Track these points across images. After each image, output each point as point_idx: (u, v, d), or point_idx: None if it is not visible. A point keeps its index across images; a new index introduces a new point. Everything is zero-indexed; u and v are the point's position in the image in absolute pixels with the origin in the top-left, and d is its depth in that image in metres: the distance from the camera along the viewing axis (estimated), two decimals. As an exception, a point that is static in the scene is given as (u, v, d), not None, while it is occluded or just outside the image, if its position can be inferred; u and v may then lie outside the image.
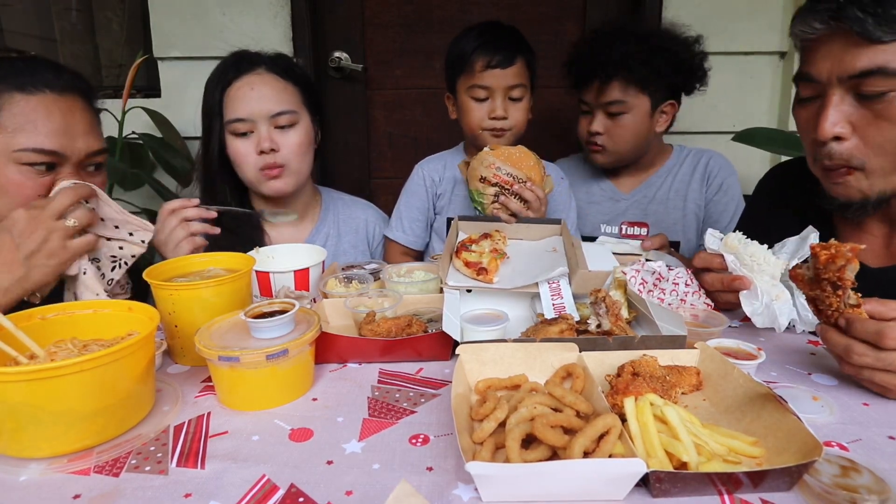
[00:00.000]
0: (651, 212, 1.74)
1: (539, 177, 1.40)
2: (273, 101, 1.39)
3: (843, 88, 0.94)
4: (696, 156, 1.75)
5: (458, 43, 1.56)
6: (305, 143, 1.45)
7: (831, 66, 0.94)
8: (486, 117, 1.54)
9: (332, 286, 1.11)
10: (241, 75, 1.39)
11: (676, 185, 1.74)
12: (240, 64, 1.41)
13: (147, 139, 2.03)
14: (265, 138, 1.38)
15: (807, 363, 0.93)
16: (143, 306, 0.83)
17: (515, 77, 1.51)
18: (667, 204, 1.73)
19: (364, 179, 2.37)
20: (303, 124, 1.44)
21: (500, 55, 1.49)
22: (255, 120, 1.38)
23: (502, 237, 1.25)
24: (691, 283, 1.10)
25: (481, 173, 1.39)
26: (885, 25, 0.87)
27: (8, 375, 0.63)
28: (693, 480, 0.59)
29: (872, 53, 0.89)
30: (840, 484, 0.58)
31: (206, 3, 2.06)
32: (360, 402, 0.81)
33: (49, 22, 2.36)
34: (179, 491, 0.62)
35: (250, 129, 1.39)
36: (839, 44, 0.93)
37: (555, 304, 1.00)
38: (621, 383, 0.74)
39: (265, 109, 1.38)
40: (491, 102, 1.53)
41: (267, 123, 1.38)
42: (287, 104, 1.40)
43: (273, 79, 1.41)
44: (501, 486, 0.58)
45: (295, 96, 1.44)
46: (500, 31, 1.55)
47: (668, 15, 2.05)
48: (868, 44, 0.89)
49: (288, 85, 1.43)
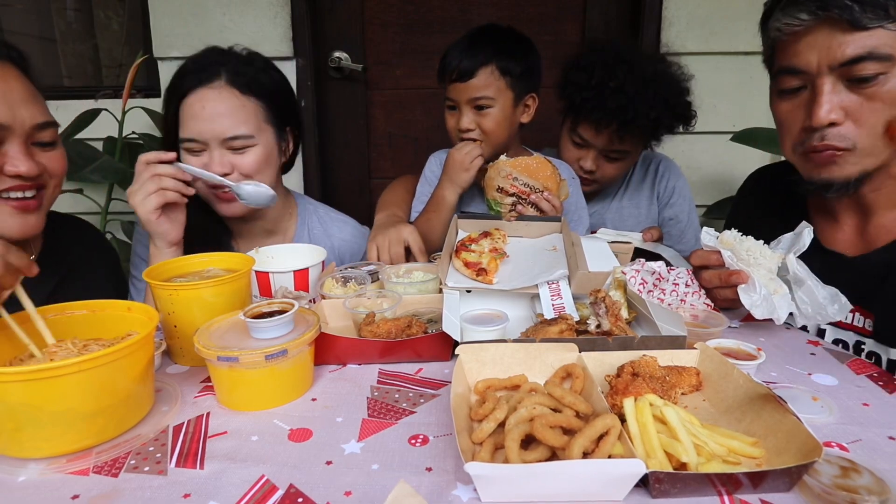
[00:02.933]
0: (608, 220, 1.75)
1: (555, 185, 1.40)
2: (226, 123, 1.25)
3: (833, 76, 0.97)
4: (645, 162, 1.75)
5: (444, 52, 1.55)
6: (263, 162, 1.32)
7: (819, 56, 0.97)
8: (457, 128, 1.54)
9: (329, 287, 1.11)
10: (197, 87, 1.26)
11: (629, 193, 1.75)
12: (199, 73, 1.27)
13: (147, 139, 2.03)
14: (217, 162, 1.26)
15: (807, 363, 0.92)
16: (141, 306, 0.83)
17: (477, 89, 1.47)
18: (620, 212, 1.74)
19: (364, 179, 2.37)
20: (261, 145, 1.31)
21: (461, 69, 1.47)
22: (206, 141, 1.26)
23: (502, 235, 1.25)
24: (691, 283, 1.10)
25: (498, 183, 1.40)
26: (870, 12, 0.91)
27: (7, 375, 0.63)
28: (693, 481, 0.59)
29: (860, 39, 0.93)
30: (840, 484, 0.58)
31: (206, 3, 2.06)
32: (360, 403, 0.81)
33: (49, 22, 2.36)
34: (178, 491, 0.62)
35: (202, 149, 1.27)
36: (825, 33, 0.96)
37: (554, 305, 1.00)
38: (621, 384, 0.73)
39: (217, 131, 1.25)
40: (458, 114, 1.52)
41: (219, 146, 1.27)
42: (242, 127, 1.27)
43: (231, 95, 1.27)
44: (501, 486, 0.58)
45: (255, 115, 1.30)
46: (476, 40, 1.50)
47: (669, 15, 2.05)
48: (855, 30, 0.93)
49: (248, 102, 1.29)
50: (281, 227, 1.50)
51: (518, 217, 1.33)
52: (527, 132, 1.62)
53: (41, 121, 1.06)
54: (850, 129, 0.98)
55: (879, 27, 0.92)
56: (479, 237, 1.23)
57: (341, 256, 1.55)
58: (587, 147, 1.60)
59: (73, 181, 1.91)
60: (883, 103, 0.95)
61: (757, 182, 1.40)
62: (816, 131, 1.00)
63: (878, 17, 0.92)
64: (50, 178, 1.12)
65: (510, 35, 1.53)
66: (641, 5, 2.06)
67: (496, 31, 1.53)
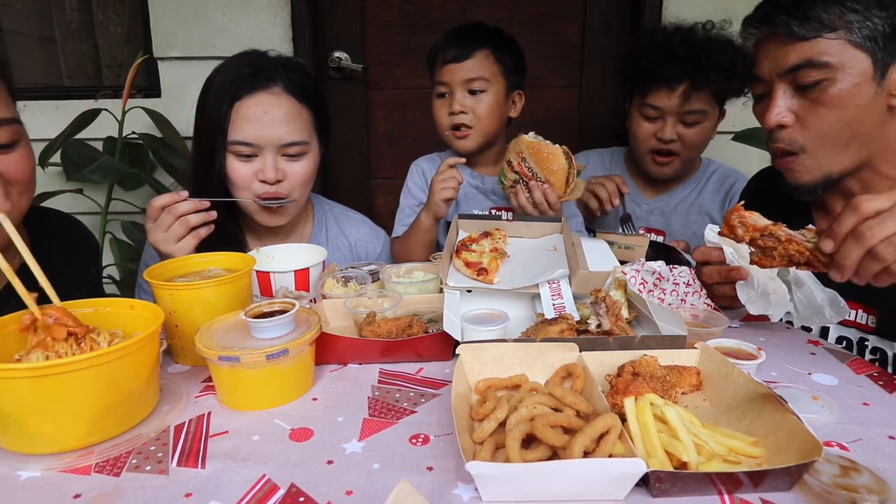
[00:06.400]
0: (672, 222, 1.73)
1: (560, 182, 1.38)
2: (285, 129, 1.26)
3: (784, 82, 1.06)
4: (723, 176, 1.73)
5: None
6: (312, 174, 1.35)
7: (770, 64, 1.08)
8: (447, 115, 1.51)
9: (329, 287, 1.11)
10: (255, 92, 1.25)
11: (700, 200, 1.72)
12: (255, 78, 1.26)
13: (147, 139, 2.02)
14: (271, 167, 1.26)
15: (807, 363, 0.93)
16: (145, 304, 0.83)
17: (473, 70, 1.46)
18: (688, 217, 1.72)
19: (364, 179, 2.37)
20: (312, 153, 1.33)
21: (455, 49, 1.46)
22: (262, 146, 1.26)
23: (502, 235, 1.25)
24: (692, 283, 1.10)
25: (510, 157, 1.40)
26: (806, 24, 1.01)
27: (15, 371, 0.64)
28: (693, 480, 0.59)
29: (800, 49, 1.02)
30: (840, 484, 0.58)
31: (206, 3, 2.06)
32: (361, 402, 0.81)
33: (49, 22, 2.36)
34: (180, 491, 0.62)
35: (255, 154, 1.27)
36: (773, 44, 1.07)
37: (555, 304, 1.00)
38: (621, 383, 0.74)
39: (276, 137, 1.25)
40: (450, 98, 1.51)
41: (275, 152, 1.27)
42: (299, 133, 1.28)
43: (289, 102, 1.27)
44: (501, 485, 0.58)
45: (308, 123, 1.31)
46: (467, 29, 1.52)
47: (669, 15, 2.05)
48: (795, 41, 1.02)
49: (303, 110, 1.30)
50: (298, 227, 1.51)
51: (516, 218, 1.33)
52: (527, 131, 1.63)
53: None
54: (797, 132, 1.07)
55: (818, 37, 1.00)
56: (480, 237, 1.23)
57: (358, 255, 1.56)
58: (662, 116, 1.56)
59: (73, 181, 1.92)
60: (826, 107, 1.03)
61: (760, 183, 1.42)
62: (772, 134, 1.10)
63: (814, 28, 1.00)
64: (10, 185, 0.98)
65: (501, 31, 1.55)
66: (641, 5, 2.06)
67: (487, 25, 1.55)
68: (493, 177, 1.62)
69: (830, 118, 1.03)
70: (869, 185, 1.10)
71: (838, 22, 0.99)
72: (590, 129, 2.27)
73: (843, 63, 1.00)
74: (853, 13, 0.99)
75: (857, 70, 1.00)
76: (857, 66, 1.00)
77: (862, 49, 1.00)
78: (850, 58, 1.00)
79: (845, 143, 1.05)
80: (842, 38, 1.00)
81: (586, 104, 2.25)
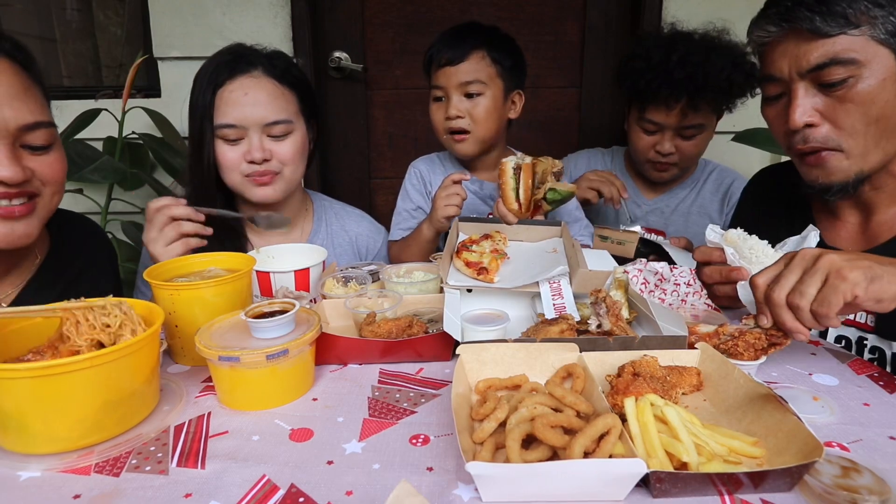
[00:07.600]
0: (672, 222, 1.74)
1: (506, 196, 1.32)
2: (268, 109, 1.30)
3: (805, 81, 1.02)
4: (721, 176, 1.74)
5: None
6: (300, 152, 1.38)
7: (790, 63, 1.03)
8: (444, 119, 1.50)
9: (329, 287, 1.11)
10: (236, 76, 1.30)
11: (700, 200, 1.73)
12: (235, 63, 1.31)
13: (147, 139, 2.02)
14: (257, 147, 1.30)
15: (807, 363, 0.93)
16: (146, 304, 0.83)
17: (468, 73, 1.44)
18: (688, 218, 1.73)
19: (364, 179, 2.37)
20: (298, 133, 1.37)
21: (450, 52, 1.44)
22: (246, 127, 1.30)
23: (503, 238, 1.25)
24: (693, 283, 1.10)
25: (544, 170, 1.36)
26: (830, 21, 0.96)
27: (16, 371, 0.64)
28: (693, 481, 0.59)
29: (824, 46, 0.98)
30: (841, 484, 0.58)
31: (206, 3, 2.06)
32: (361, 402, 0.81)
33: (49, 22, 2.36)
34: (180, 491, 0.62)
35: (240, 136, 1.30)
36: (793, 42, 1.02)
37: (555, 304, 1.00)
38: (622, 383, 0.74)
39: (259, 117, 1.29)
40: (447, 102, 1.49)
41: (259, 132, 1.31)
42: (282, 113, 1.32)
43: (270, 83, 1.32)
44: (502, 486, 0.58)
45: (291, 103, 1.36)
46: (461, 30, 1.49)
47: (669, 15, 2.05)
48: (818, 38, 0.98)
49: (285, 91, 1.34)
50: (298, 224, 1.52)
51: (519, 222, 1.32)
52: (527, 133, 1.62)
53: (30, 121, 0.97)
54: (830, 131, 1.03)
55: (842, 34, 0.97)
56: (480, 239, 1.23)
57: (359, 249, 1.57)
58: (660, 130, 1.58)
59: (73, 181, 1.91)
60: (855, 104, 0.99)
61: (761, 183, 1.42)
62: (797, 133, 1.05)
63: (838, 24, 0.96)
64: (43, 185, 1.02)
65: (497, 30, 1.53)
66: (641, 5, 2.06)
67: (482, 25, 1.53)
68: (491, 182, 1.60)
69: (859, 115, 1.00)
70: (879, 186, 1.08)
71: (863, 18, 0.96)
72: (590, 129, 2.27)
73: (869, 59, 0.97)
74: (879, 8, 0.96)
75: (882, 66, 0.97)
76: (882, 63, 0.97)
77: (885, 45, 0.97)
78: (874, 54, 0.97)
79: (875, 141, 1.02)
80: (865, 34, 0.97)
81: (586, 104, 2.25)
